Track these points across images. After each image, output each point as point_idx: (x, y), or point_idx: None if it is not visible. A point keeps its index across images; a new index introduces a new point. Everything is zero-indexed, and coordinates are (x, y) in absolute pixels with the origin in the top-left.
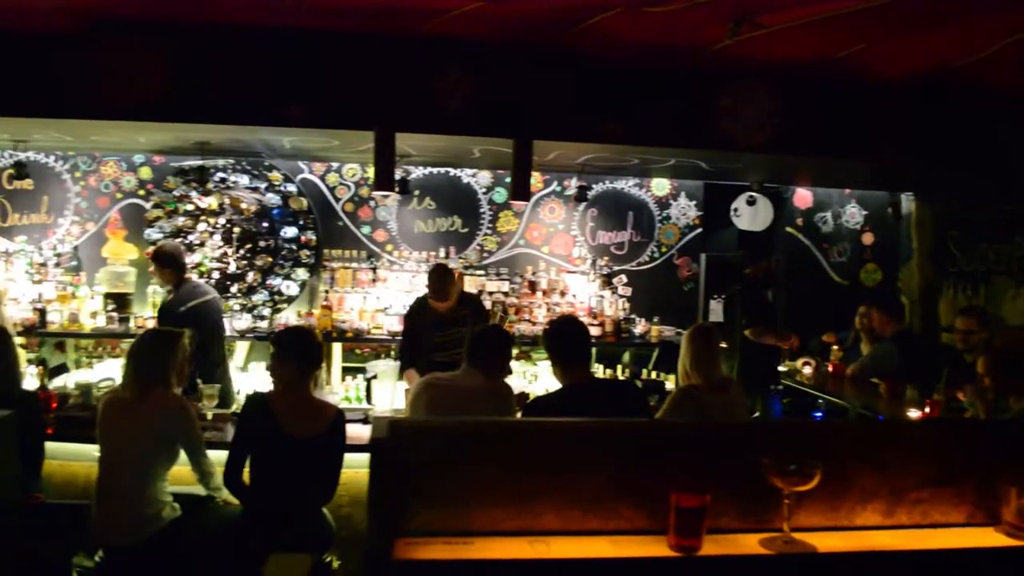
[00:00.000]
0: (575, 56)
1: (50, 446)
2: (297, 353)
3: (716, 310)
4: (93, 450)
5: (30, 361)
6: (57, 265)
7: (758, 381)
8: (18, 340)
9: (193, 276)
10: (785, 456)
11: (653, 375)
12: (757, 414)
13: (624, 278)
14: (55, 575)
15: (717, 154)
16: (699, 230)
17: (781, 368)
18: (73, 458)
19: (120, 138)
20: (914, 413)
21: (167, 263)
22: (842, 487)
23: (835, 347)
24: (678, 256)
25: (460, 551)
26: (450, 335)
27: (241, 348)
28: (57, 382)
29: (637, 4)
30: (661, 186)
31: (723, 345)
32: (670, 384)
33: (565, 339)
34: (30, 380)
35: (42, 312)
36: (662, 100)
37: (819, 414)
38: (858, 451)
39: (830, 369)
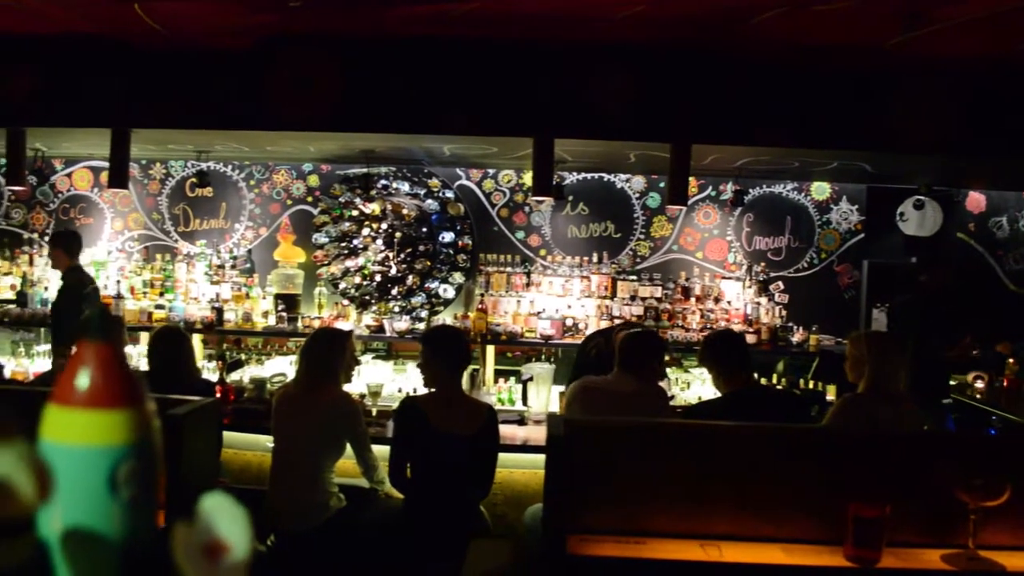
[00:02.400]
0: (735, 58)
1: (227, 435)
2: (446, 351)
3: (879, 319)
4: (265, 440)
5: (209, 356)
6: (233, 267)
7: (928, 395)
8: (197, 336)
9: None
10: (969, 470)
11: (811, 385)
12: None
13: (781, 285)
14: None
15: (885, 156)
16: (861, 235)
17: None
18: (247, 447)
19: (292, 148)
20: None
21: (68, 246)
22: None
23: (1010, 360)
24: (838, 263)
25: (632, 550)
26: None
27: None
28: (234, 376)
29: (805, 3)
30: (821, 190)
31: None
32: (830, 395)
33: (726, 346)
34: (210, 374)
35: (219, 311)
36: (826, 101)
37: (992, 431)
38: None
39: (1004, 384)
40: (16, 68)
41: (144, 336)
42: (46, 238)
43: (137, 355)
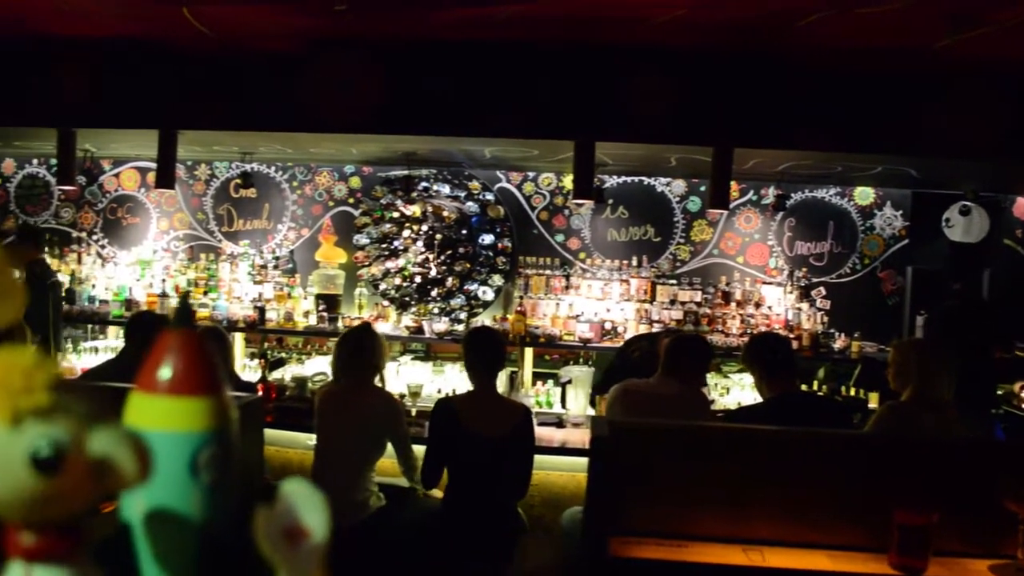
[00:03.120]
0: (777, 62)
1: (268, 433)
2: (480, 352)
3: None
4: (306, 438)
5: (252, 355)
6: (275, 267)
7: (975, 404)
8: (239, 335)
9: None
10: (1020, 480)
11: (852, 392)
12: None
13: (823, 291)
14: None
15: (931, 161)
16: (905, 241)
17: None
18: (288, 445)
19: (335, 150)
20: None
21: (38, 240)
22: None
23: None
24: (882, 268)
25: (674, 553)
26: None
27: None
28: (275, 375)
29: (851, 5)
30: (865, 195)
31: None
32: (872, 403)
33: (770, 351)
34: (252, 373)
35: (261, 310)
36: (872, 104)
37: None
38: None
39: None
40: (67, 70)
41: None
42: (94, 237)
43: None
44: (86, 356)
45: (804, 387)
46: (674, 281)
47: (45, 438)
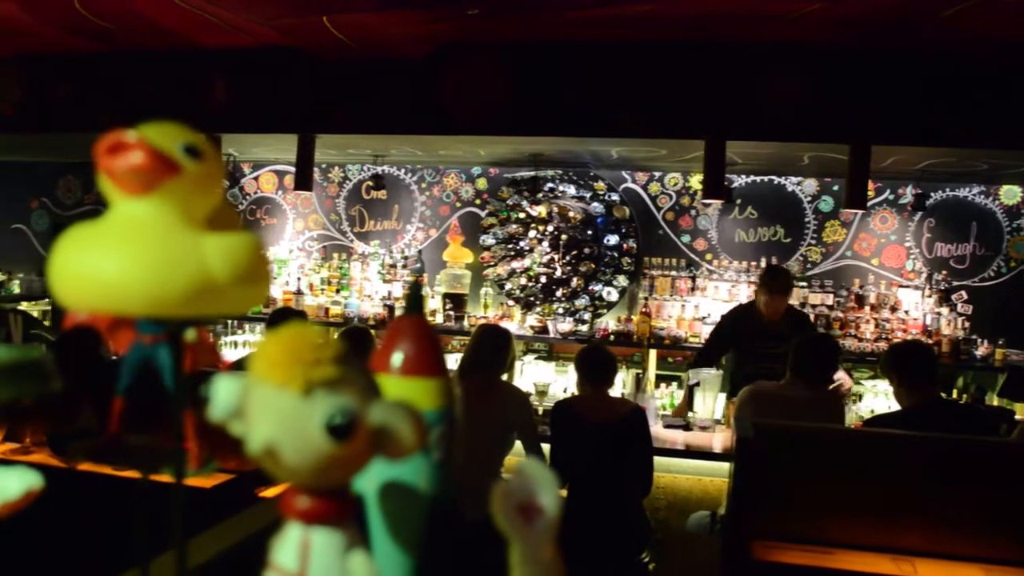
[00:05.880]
0: (917, 55)
1: None
2: (588, 369)
3: None
4: None
5: None
6: (404, 267)
7: None
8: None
9: None
10: None
11: (995, 401)
12: None
13: (964, 294)
14: None
15: None
16: None
17: None
18: None
19: (464, 152)
20: None
21: None
22: None
23: None
24: None
25: (819, 560)
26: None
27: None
28: None
29: None
30: (1011, 194)
31: None
32: (1019, 414)
33: (914, 356)
34: None
35: (391, 308)
36: (1021, 98)
37: None
38: None
39: None
40: (213, 79)
41: None
42: None
43: None
44: (227, 350)
45: (943, 396)
46: (804, 283)
47: (337, 407)
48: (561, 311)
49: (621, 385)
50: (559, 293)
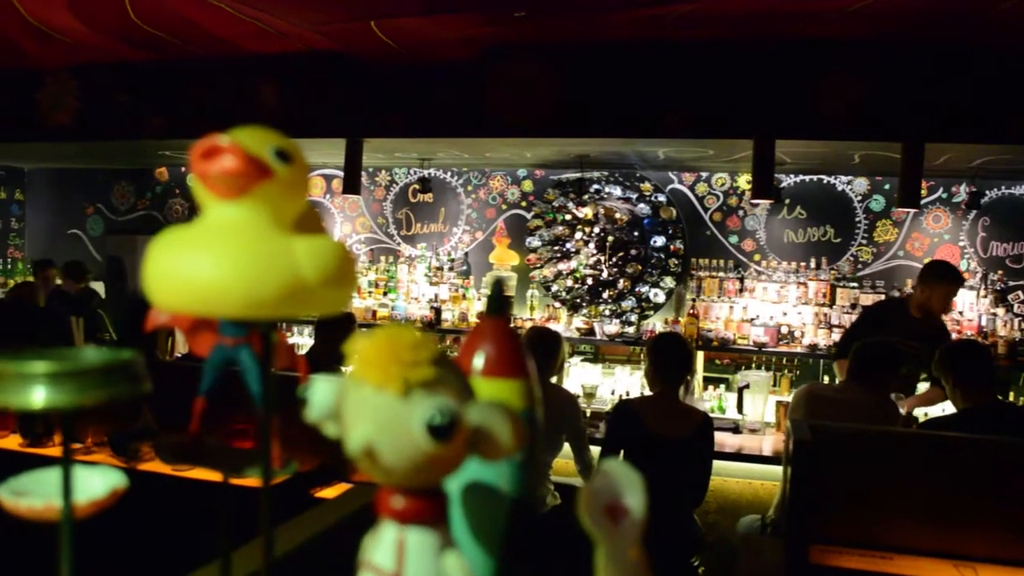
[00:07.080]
0: (971, 50)
1: None
2: (667, 360)
3: None
4: None
5: None
6: (451, 269)
7: None
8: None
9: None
10: None
11: None
12: None
13: (1021, 295)
14: None
15: None
16: None
17: None
18: None
19: (510, 154)
20: None
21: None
22: None
23: None
24: None
25: (879, 565)
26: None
27: None
28: None
29: None
30: None
31: None
32: None
33: (969, 357)
34: None
35: (438, 311)
36: None
37: None
38: None
39: None
40: (263, 84)
41: None
42: None
43: None
44: None
45: (1000, 398)
46: (855, 284)
47: (437, 407)
48: (607, 313)
49: None
50: (605, 295)
